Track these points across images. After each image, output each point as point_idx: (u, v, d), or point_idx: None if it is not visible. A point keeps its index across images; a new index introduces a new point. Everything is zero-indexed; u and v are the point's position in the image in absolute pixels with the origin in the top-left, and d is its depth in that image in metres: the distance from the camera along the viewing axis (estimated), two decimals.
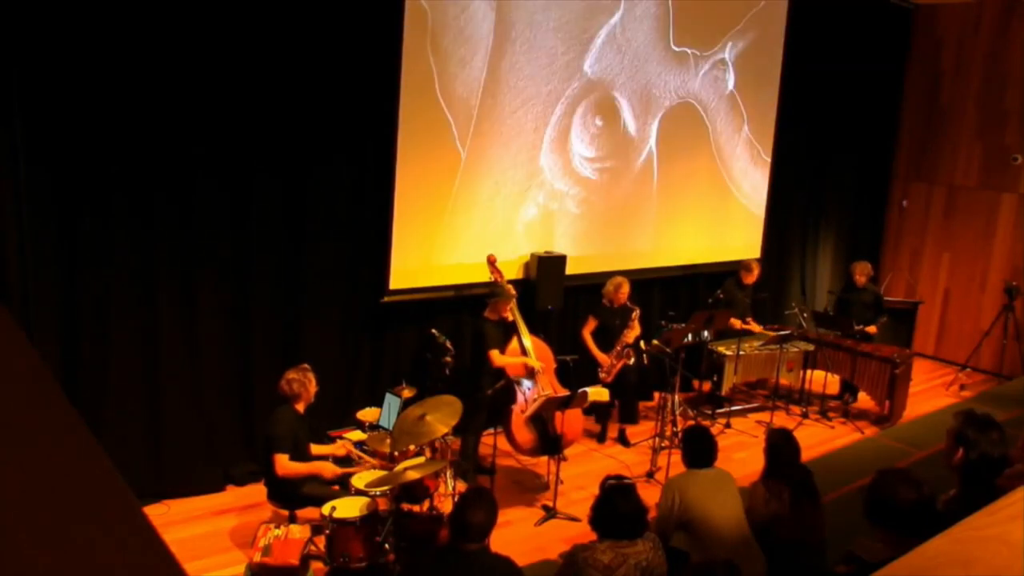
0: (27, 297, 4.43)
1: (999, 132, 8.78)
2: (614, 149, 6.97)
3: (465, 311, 6.13)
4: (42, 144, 4.40)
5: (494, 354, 5.38)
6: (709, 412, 7.10)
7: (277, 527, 4.05)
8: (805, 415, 7.29)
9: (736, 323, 7.16)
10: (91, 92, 4.49)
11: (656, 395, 7.06)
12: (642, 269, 7.28)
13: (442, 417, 4.50)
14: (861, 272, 7.59)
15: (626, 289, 6.34)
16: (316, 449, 4.75)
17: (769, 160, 8.28)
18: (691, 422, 6.52)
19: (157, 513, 4.90)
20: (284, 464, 4.33)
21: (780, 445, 3.99)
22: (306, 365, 4.58)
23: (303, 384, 4.46)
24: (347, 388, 5.80)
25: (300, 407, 4.48)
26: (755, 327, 7.41)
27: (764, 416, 7.12)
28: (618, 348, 6.25)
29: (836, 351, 7.30)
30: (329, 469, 4.47)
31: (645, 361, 6.42)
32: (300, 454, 4.45)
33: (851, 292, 7.73)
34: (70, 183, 4.53)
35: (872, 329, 7.46)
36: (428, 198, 5.91)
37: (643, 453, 6.22)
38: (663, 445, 5.95)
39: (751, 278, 7.36)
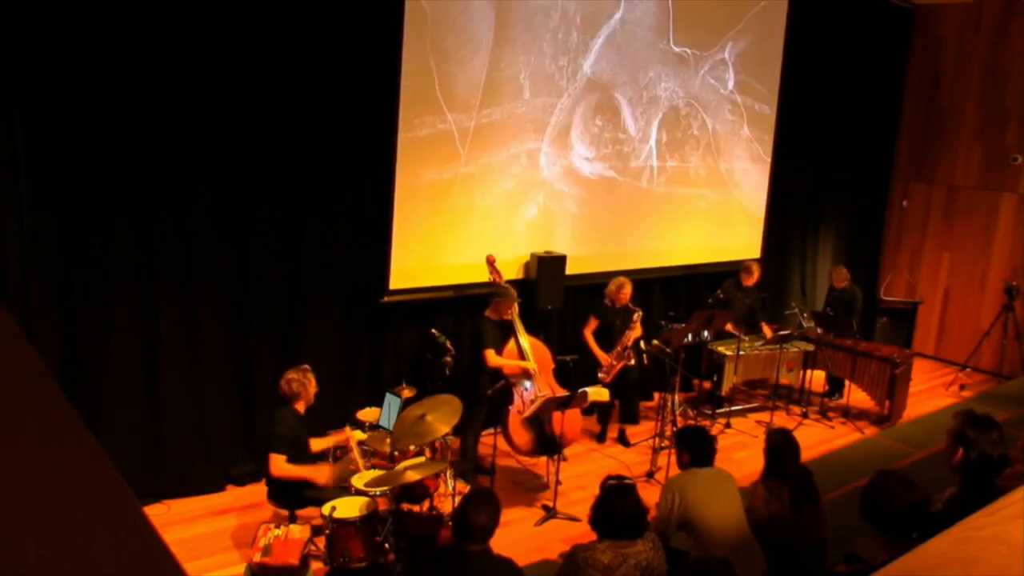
0: (27, 297, 4.43)
1: (999, 132, 8.78)
2: (614, 149, 6.97)
3: (465, 311, 6.13)
4: (42, 144, 4.40)
5: (489, 354, 5.38)
6: (709, 412, 7.10)
7: (277, 527, 4.05)
8: (805, 415, 7.29)
9: (732, 328, 7.13)
10: (91, 93, 4.50)
11: (656, 395, 7.07)
12: (642, 269, 7.28)
13: (442, 417, 4.50)
14: (837, 278, 7.71)
15: (628, 290, 6.34)
16: (317, 443, 4.74)
17: (769, 160, 8.28)
18: (691, 422, 6.53)
19: (157, 513, 4.90)
20: (278, 465, 4.30)
21: (780, 445, 3.99)
22: (306, 365, 4.57)
23: (303, 384, 4.45)
24: (347, 388, 5.80)
25: (300, 407, 4.47)
26: (766, 331, 7.35)
27: (764, 416, 7.12)
28: (618, 349, 6.25)
29: (836, 351, 7.31)
30: (324, 475, 4.41)
31: (645, 361, 6.42)
32: (300, 455, 4.44)
33: (831, 295, 7.80)
34: (70, 183, 4.53)
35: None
36: (428, 198, 5.91)
37: (643, 453, 6.22)
38: (663, 445, 5.95)
39: (751, 280, 7.35)
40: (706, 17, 7.37)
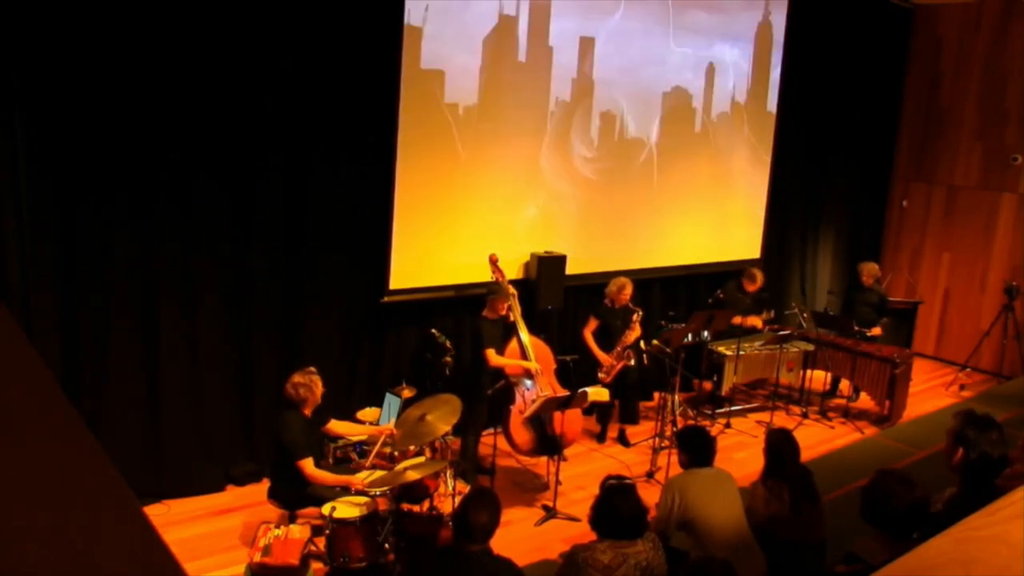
0: (27, 297, 4.43)
1: (999, 132, 8.78)
2: (614, 149, 6.97)
3: (465, 311, 6.13)
4: (42, 144, 4.40)
5: (490, 353, 5.38)
6: (709, 412, 7.10)
7: (277, 527, 4.05)
8: (805, 415, 7.29)
9: (739, 320, 7.13)
10: (91, 92, 4.49)
11: (656, 395, 7.06)
12: (642, 269, 7.27)
13: (442, 417, 4.50)
14: (868, 274, 7.65)
15: (629, 290, 6.33)
16: (341, 427, 4.82)
17: (769, 160, 8.28)
18: (691, 422, 6.53)
19: (157, 513, 4.90)
20: (313, 470, 4.30)
21: (780, 445, 3.99)
22: (312, 368, 4.55)
23: (309, 388, 4.43)
24: (347, 388, 5.80)
25: (307, 411, 4.45)
26: (757, 321, 7.38)
27: (764, 416, 7.11)
28: (618, 349, 6.25)
29: (836, 351, 7.31)
30: (358, 481, 4.41)
31: (645, 361, 6.42)
32: (315, 457, 4.44)
33: (856, 291, 7.77)
34: (70, 183, 4.53)
35: (876, 331, 7.50)
36: (428, 198, 5.91)
37: (643, 453, 6.22)
38: (663, 445, 5.95)
39: (754, 287, 7.34)
40: (706, 17, 7.36)
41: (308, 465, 4.29)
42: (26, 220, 4.37)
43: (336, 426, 4.79)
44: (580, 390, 5.19)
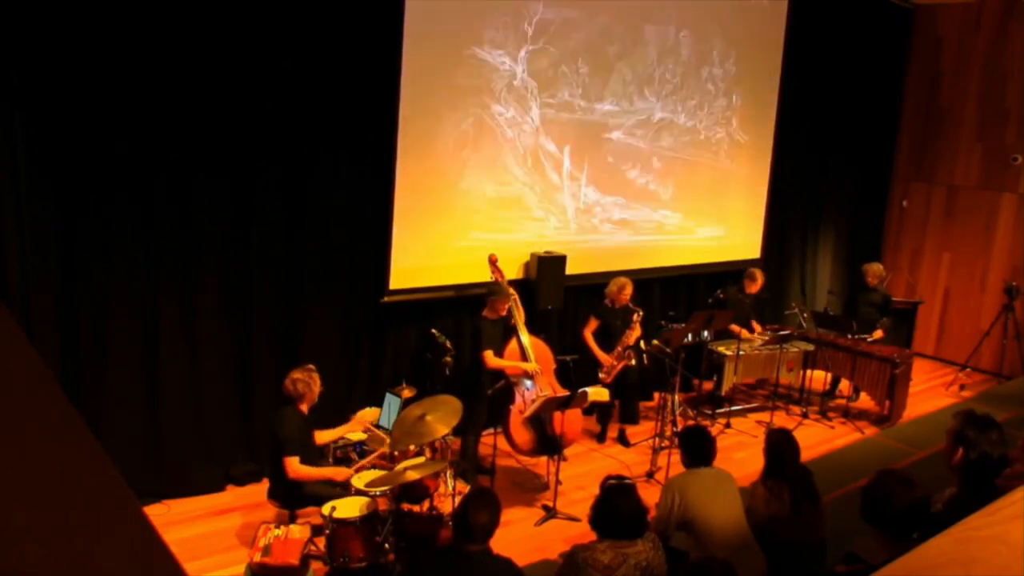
0: (27, 297, 4.43)
1: (999, 132, 8.78)
2: (614, 149, 6.96)
3: (465, 311, 6.13)
4: (42, 144, 4.40)
5: (488, 355, 5.37)
6: (709, 412, 7.10)
7: (277, 527, 4.05)
8: (805, 415, 7.29)
9: (736, 330, 7.11)
10: (91, 93, 4.49)
11: (656, 395, 7.06)
12: (642, 269, 7.27)
13: (442, 417, 4.50)
14: (873, 274, 7.65)
15: (629, 290, 6.33)
16: (323, 435, 4.77)
17: (769, 160, 8.28)
18: (691, 422, 6.53)
19: (157, 513, 4.90)
20: (296, 468, 4.31)
21: (780, 445, 3.99)
22: (311, 365, 4.57)
23: (308, 384, 4.45)
24: (347, 388, 5.80)
25: (304, 407, 4.47)
26: (756, 329, 7.39)
27: (764, 416, 7.11)
28: (619, 349, 6.24)
29: (836, 351, 7.31)
30: (343, 473, 4.43)
31: (645, 361, 6.42)
32: (308, 454, 4.45)
33: (860, 292, 7.77)
34: (70, 183, 4.53)
35: (878, 334, 7.50)
36: (428, 197, 5.91)
37: (643, 453, 6.22)
38: (663, 445, 5.95)
39: (755, 287, 7.33)
40: (706, 17, 7.36)
41: (292, 463, 4.30)
42: (26, 220, 4.37)
43: (320, 436, 4.74)
44: (580, 390, 5.18)
